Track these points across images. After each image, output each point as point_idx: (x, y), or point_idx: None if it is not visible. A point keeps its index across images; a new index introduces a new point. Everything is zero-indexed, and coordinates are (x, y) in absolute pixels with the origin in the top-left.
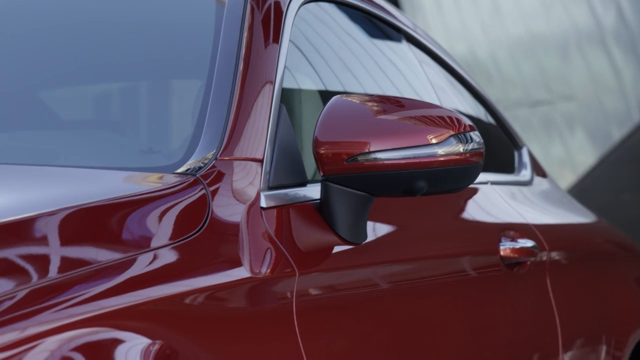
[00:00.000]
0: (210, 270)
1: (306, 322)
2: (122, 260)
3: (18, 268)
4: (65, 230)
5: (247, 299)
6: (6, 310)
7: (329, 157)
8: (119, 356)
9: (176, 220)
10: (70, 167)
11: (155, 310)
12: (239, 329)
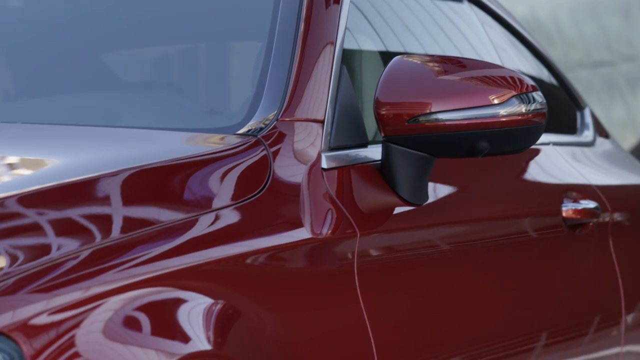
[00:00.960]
0: (271, 231)
1: (367, 283)
2: (184, 221)
3: (81, 228)
4: (128, 191)
5: (308, 259)
6: (70, 269)
7: (390, 118)
8: (182, 316)
9: (238, 181)
10: (133, 128)
11: (218, 270)
12: (300, 289)
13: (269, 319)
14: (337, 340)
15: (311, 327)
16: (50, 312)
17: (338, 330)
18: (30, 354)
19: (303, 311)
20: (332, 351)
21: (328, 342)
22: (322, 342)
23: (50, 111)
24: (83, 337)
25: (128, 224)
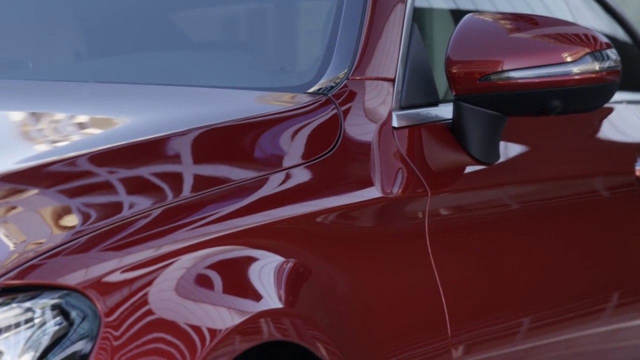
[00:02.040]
0: (341, 190)
1: (438, 242)
2: (255, 180)
3: (152, 187)
4: (199, 150)
5: (378, 218)
6: (141, 228)
7: (462, 77)
8: (253, 274)
9: (308, 140)
10: (203, 87)
11: (289, 229)
12: (371, 249)
13: (340, 278)
14: (408, 300)
15: (382, 286)
16: (123, 270)
17: (409, 290)
18: (104, 311)
19: (374, 270)
20: (403, 310)
21: (399, 302)
22: (393, 302)
23: (122, 70)
24: (156, 294)
25: (199, 182)
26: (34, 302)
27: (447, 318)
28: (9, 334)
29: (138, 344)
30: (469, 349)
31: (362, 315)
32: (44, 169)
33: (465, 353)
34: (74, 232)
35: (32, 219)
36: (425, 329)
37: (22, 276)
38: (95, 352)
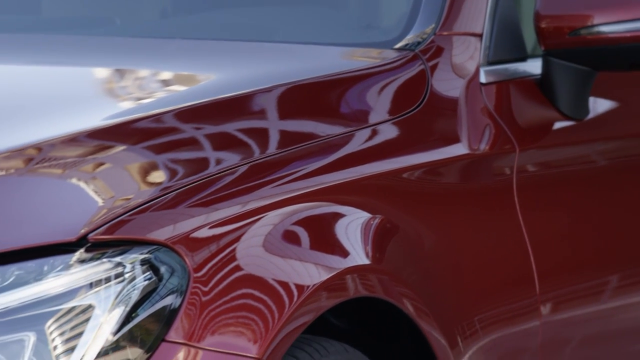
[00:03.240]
0: (428, 146)
1: (526, 198)
2: (341, 136)
3: (239, 143)
4: (285, 106)
5: (465, 175)
6: (228, 184)
7: (551, 31)
8: (340, 230)
9: (395, 96)
10: (289, 43)
11: (376, 185)
12: (458, 205)
13: (427, 234)
14: (496, 257)
15: (469, 243)
16: (211, 226)
17: (497, 247)
18: (193, 267)
19: (461, 227)
20: (491, 267)
21: (487, 259)
22: (480, 259)
23: (207, 27)
24: (243, 250)
25: (285, 139)
26: (124, 257)
27: (535, 275)
28: (100, 289)
29: (226, 299)
30: (557, 307)
31: (449, 272)
32: (131, 126)
33: (553, 311)
34: (161, 188)
35: (120, 176)
36: (514, 286)
37: (112, 231)
38: (185, 307)
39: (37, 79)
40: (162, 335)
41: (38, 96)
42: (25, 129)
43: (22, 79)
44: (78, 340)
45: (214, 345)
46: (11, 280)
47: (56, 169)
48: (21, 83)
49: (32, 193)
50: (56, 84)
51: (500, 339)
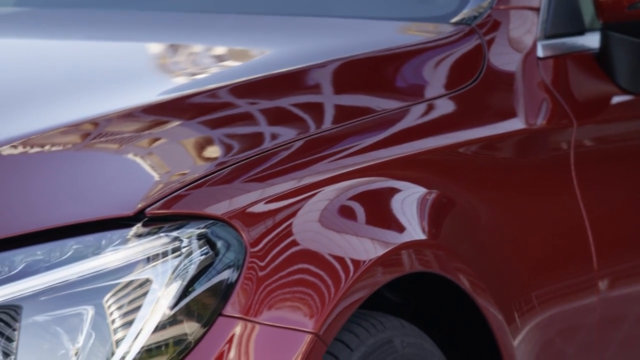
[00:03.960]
0: (485, 121)
1: (584, 173)
2: (397, 111)
3: (294, 119)
4: (341, 81)
5: (522, 150)
6: (283, 159)
7: (609, 5)
8: (396, 205)
9: (451, 70)
10: (345, 18)
11: (431, 160)
12: (515, 180)
13: (484, 209)
14: (553, 233)
15: (526, 218)
16: (267, 201)
17: (554, 222)
18: (250, 241)
19: (518, 203)
20: (548, 243)
21: (544, 234)
22: (538, 234)
23: (262, 2)
24: (299, 225)
25: (340, 114)
26: (181, 231)
27: (593, 251)
28: (157, 263)
29: (283, 274)
30: (615, 283)
31: (506, 247)
32: (187, 101)
33: (611, 287)
34: (217, 163)
35: (176, 151)
36: (571, 262)
37: (169, 206)
38: (241, 282)
39: (92, 54)
40: (219, 309)
41: (94, 71)
42: (81, 104)
43: (77, 54)
44: (135, 314)
45: (271, 319)
46: (70, 254)
47: (113, 144)
48: (77, 59)
49: (90, 168)
50: (112, 59)
51: (558, 315)
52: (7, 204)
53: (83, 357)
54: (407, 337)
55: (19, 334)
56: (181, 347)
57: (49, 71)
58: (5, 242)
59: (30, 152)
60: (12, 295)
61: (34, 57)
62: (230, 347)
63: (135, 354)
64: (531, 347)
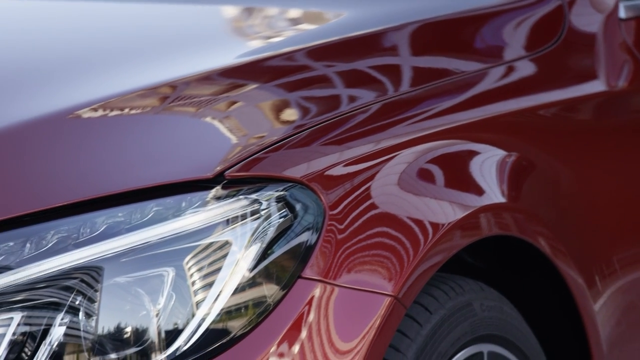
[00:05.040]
0: (565, 83)
1: None
2: (476, 74)
3: (371, 81)
4: (419, 44)
5: (603, 112)
6: (361, 122)
7: None
8: (475, 168)
9: (531, 32)
10: None
11: (511, 122)
12: (595, 142)
13: (564, 172)
14: (634, 195)
15: (607, 182)
16: (345, 164)
17: (635, 185)
18: (328, 204)
19: (599, 166)
20: (629, 206)
21: (625, 197)
22: (619, 197)
23: None
24: (378, 188)
25: (418, 77)
26: (260, 194)
27: None
28: (236, 225)
29: (362, 237)
30: None
31: (586, 211)
32: (264, 64)
33: None
34: (294, 126)
35: (254, 114)
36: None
37: (247, 169)
38: (320, 245)
39: (168, 18)
40: (298, 272)
41: (170, 35)
42: (158, 67)
43: (155, 18)
44: (215, 276)
45: (350, 282)
46: (150, 216)
47: (191, 106)
48: (153, 22)
49: (168, 131)
50: (189, 22)
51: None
52: (87, 166)
53: (164, 318)
54: (487, 301)
55: (100, 295)
56: (260, 309)
57: (127, 34)
58: (87, 204)
59: (109, 115)
60: (94, 256)
61: (113, 21)
62: (310, 310)
63: (215, 315)
64: (612, 312)
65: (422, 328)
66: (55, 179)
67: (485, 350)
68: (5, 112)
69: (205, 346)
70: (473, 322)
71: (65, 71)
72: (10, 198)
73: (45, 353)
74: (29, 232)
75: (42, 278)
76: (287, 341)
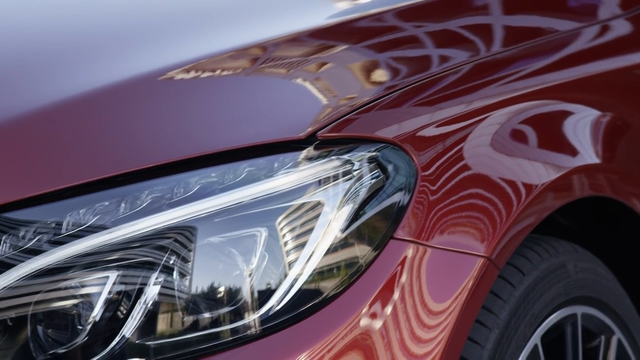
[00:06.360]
0: None
1: None
2: (569, 33)
3: (461, 42)
4: (511, 3)
5: None
6: (452, 83)
7: None
8: (568, 128)
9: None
10: None
11: (605, 82)
12: None
13: None
14: None
15: None
16: (436, 125)
17: None
18: (421, 165)
19: None
20: None
21: None
22: None
23: None
24: (470, 150)
25: (510, 37)
26: (352, 154)
27: None
28: (328, 186)
29: (454, 198)
30: None
31: None
32: (352, 25)
33: None
34: (385, 87)
35: (344, 75)
36: None
37: (339, 129)
38: (412, 206)
39: None
40: (390, 233)
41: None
42: (248, 28)
43: None
44: (308, 236)
45: (443, 243)
46: (243, 177)
47: (281, 68)
48: None
49: (259, 92)
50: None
51: None
52: (180, 127)
53: (257, 278)
54: (581, 262)
55: (194, 255)
56: (352, 270)
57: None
58: (181, 164)
59: (200, 76)
60: (188, 216)
61: None
62: (402, 271)
63: (308, 276)
64: None
65: (515, 289)
66: (149, 140)
67: (579, 312)
68: (99, 73)
69: (297, 306)
70: (567, 284)
71: (152, 35)
72: (105, 159)
73: (140, 311)
74: (124, 192)
75: (136, 237)
76: (380, 302)
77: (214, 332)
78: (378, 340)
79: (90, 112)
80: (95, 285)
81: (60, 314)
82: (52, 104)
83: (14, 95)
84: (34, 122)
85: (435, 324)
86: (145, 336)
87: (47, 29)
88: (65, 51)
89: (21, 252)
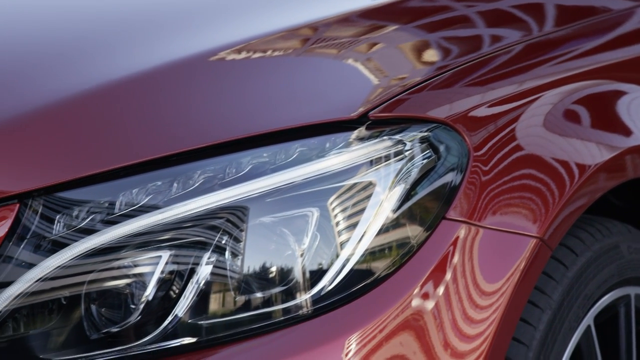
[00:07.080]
0: None
1: None
2: (622, 13)
3: (513, 22)
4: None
5: None
6: (503, 63)
7: None
8: (622, 108)
9: None
10: None
11: None
12: None
13: None
14: None
15: None
16: (488, 105)
17: None
18: (473, 145)
19: None
20: None
21: None
22: None
23: None
24: (522, 130)
25: (562, 17)
26: (403, 135)
27: None
28: (380, 166)
29: (507, 179)
30: None
31: None
32: (403, 5)
33: None
34: (436, 67)
35: (395, 55)
36: None
37: (390, 110)
38: (464, 186)
39: None
40: (442, 213)
41: None
42: (299, 9)
43: None
44: (359, 216)
45: (495, 224)
46: (295, 157)
47: (332, 48)
48: None
49: (310, 72)
50: None
51: None
52: (232, 107)
53: (308, 258)
54: (634, 243)
55: (246, 235)
56: (404, 250)
57: None
58: (232, 144)
59: (252, 57)
60: (240, 196)
61: None
62: (454, 251)
63: (360, 256)
64: None
65: (567, 270)
66: (201, 120)
67: (633, 293)
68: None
69: (349, 286)
70: (620, 265)
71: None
72: (157, 138)
73: (192, 291)
74: (176, 171)
75: (188, 217)
76: (432, 282)
77: (266, 312)
78: (430, 321)
79: (146, 92)
80: (147, 265)
81: (114, 293)
82: (108, 83)
83: (71, 72)
84: (89, 102)
85: (488, 304)
86: (197, 316)
87: (104, 10)
88: (123, 31)
89: (74, 232)
